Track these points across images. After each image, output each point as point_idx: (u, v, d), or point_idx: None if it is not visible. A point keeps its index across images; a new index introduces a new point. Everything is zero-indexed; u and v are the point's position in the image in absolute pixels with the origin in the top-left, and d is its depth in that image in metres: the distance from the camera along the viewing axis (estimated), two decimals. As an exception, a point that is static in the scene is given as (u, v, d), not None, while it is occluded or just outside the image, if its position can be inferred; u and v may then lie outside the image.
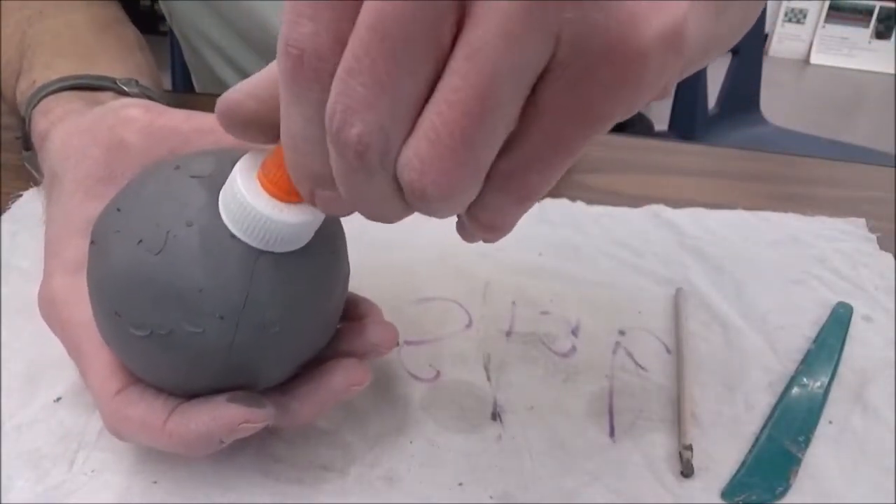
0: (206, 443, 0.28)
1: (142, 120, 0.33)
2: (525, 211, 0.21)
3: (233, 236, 0.26)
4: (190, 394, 0.29)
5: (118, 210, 0.27)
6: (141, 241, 0.26)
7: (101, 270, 0.27)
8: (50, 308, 0.31)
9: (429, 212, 0.20)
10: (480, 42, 0.17)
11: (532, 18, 0.17)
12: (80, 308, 0.29)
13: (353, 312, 0.33)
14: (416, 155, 0.19)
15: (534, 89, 0.18)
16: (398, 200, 0.20)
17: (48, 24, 0.48)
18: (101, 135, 0.33)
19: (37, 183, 0.44)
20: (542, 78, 0.18)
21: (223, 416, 0.28)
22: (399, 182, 0.20)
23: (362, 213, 0.22)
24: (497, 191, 0.20)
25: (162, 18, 0.73)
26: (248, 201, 0.24)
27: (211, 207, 0.26)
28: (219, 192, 0.26)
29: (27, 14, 0.49)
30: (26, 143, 0.42)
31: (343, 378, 0.30)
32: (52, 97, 0.40)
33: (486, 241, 0.23)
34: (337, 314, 0.31)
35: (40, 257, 0.42)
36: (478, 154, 0.19)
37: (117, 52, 0.48)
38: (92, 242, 0.28)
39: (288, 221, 0.25)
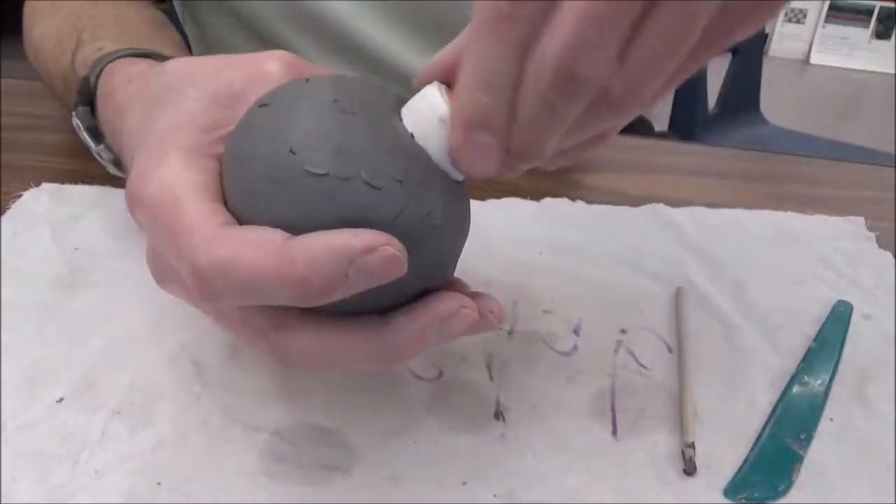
0: (331, 271, 0.24)
1: (284, 61, 0.32)
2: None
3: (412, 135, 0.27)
4: None
5: (306, 80, 0.28)
6: (336, 100, 0.26)
7: (279, 116, 0.26)
8: (149, 180, 0.27)
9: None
10: None
11: None
12: (190, 172, 0.27)
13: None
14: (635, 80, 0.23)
15: None
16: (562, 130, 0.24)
17: (102, 11, 0.48)
18: (236, 62, 0.31)
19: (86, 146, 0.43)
20: None
21: (355, 238, 0.24)
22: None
23: (521, 153, 0.25)
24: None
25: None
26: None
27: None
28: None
29: (80, 3, 0.49)
30: (85, 100, 0.41)
31: (447, 304, 0.27)
32: (128, 59, 0.39)
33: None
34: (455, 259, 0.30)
35: (40, 258, 0.43)
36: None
37: (174, 48, 0.47)
38: (264, 105, 0.27)
39: None
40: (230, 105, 0.30)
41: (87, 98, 0.41)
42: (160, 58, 0.40)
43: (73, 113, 0.42)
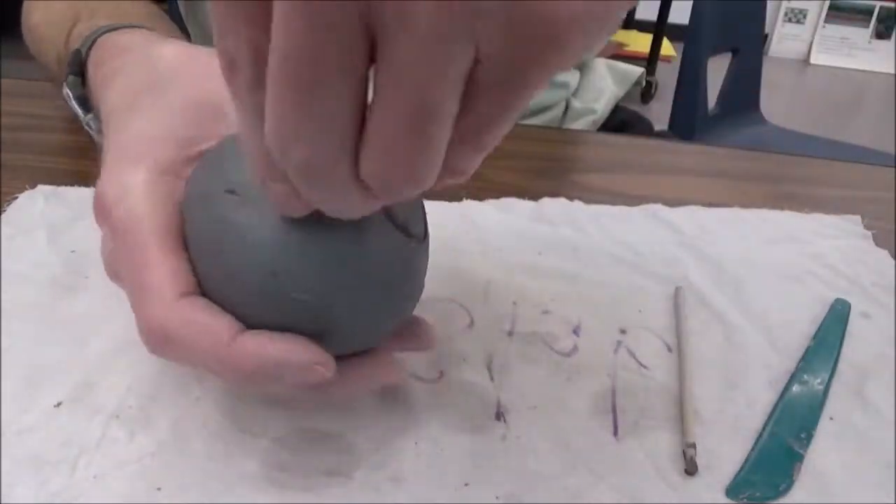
0: (267, 374, 0.26)
1: None
2: (486, 153, 0.21)
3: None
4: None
5: None
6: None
7: (257, 229, 0.26)
8: (120, 202, 0.28)
9: (400, 199, 0.21)
10: (403, 64, 0.17)
11: (447, 32, 0.16)
12: (158, 210, 0.27)
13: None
14: (378, 169, 0.19)
15: (471, 73, 0.18)
16: (360, 197, 0.21)
17: (101, 3, 0.49)
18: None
19: (77, 116, 0.43)
20: (476, 64, 0.18)
21: (301, 350, 0.26)
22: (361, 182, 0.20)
23: (324, 210, 0.23)
24: (457, 146, 0.20)
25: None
26: None
27: None
28: None
29: None
30: (75, 70, 0.41)
31: (371, 368, 0.29)
32: (125, 30, 0.40)
33: (451, 181, 0.22)
34: (399, 309, 0.31)
35: (36, 261, 0.42)
36: (434, 147, 0.19)
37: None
38: (234, 193, 0.26)
39: None
40: (211, 117, 0.30)
41: (78, 67, 0.41)
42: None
43: (64, 83, 0.42)
